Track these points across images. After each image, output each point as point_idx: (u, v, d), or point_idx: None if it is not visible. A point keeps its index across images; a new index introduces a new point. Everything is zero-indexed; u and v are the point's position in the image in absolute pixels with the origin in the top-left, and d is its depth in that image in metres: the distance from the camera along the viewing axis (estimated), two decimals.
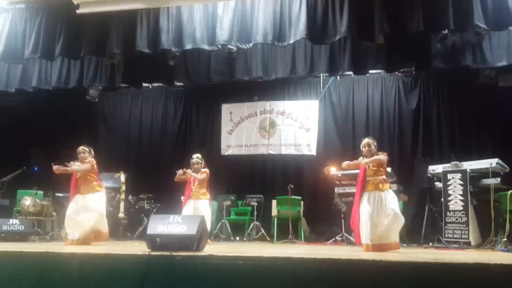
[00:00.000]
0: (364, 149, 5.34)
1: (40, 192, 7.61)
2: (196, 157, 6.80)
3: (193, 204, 6.58)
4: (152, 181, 8.94)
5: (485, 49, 6.47)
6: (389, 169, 7.07)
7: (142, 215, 8.24)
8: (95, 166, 5.99)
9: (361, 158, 5.36)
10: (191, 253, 3.77)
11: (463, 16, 5.64)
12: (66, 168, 5.83)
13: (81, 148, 6.01)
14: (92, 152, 6.10)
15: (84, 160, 5.92)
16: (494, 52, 6.50)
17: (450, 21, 5.62)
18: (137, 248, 4.53)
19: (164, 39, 6.49)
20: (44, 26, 6.82)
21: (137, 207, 8.43)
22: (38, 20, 6.87)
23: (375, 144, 5.39)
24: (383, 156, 5.29)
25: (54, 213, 7.53)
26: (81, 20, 6.56)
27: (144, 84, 8.83)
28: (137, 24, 6.53)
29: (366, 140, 5.40)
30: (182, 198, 7.82)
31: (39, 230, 7.12)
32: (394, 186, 7.07)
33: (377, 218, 5.06)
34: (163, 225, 4.17)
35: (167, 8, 6.51)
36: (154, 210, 8.20)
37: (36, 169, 8.99)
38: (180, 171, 6.67)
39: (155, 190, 8.71)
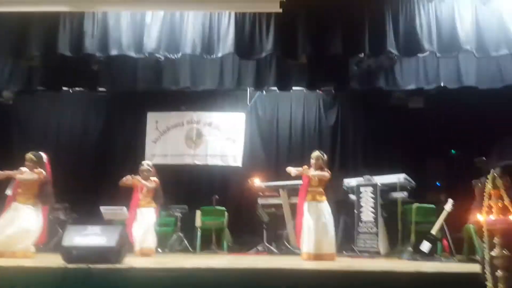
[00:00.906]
0: (312, 161, 5.64)
1: None
2: (147, 164, 6.58)
3: (139, 213, 6.34)
4: (68, 190, 8.49)
5: (396, 73, 7.06)
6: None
7: (57, 226, 7.81)
8: (43, 178, 5.52)
9: (305, 167, 5.63)
10: (111, 266, 3.69)
11: (377, 42, 6.15)
12: (8, 173, 5.35)
13: (28, 155, 5.58)
14: (44, 159, 5.65)
15: (33, 170, 5.46)
16: (405, 76, 7.10)
17: (366, 46, 6.11)
18: (52, 260, 4.32)
19: (88, 43, 6.30)
20: None
21: (51, 217, 7.96)
22: None
23: (324, 158, 5.73)
24: (327, 174, 5.66)
25: None
26: None
27: (64, 88, 8.44)
28: (60, 26, 6.28)
29: (316, 153, 5.73)
30: (102, 208, 7.58)
31: None
32: None
33: (316, 228, 5.33)
34: (80, 236, 4.03)
35: (93, 12, 6.33)
36: (70, 221, 7.80)
37: None
38: (128, 176, 6.36)
39: (72, 200, 8.29)
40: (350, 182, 7.33)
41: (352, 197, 7.23)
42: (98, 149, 9.18)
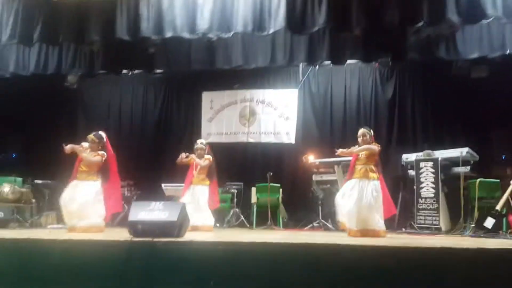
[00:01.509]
0: (359, 139, 5.51)
1: (19, 179, 7.55)
2: (201, 142, 6.75)
3: (192, 189, 6.54)
4: (132, 168, 8.95)
5: (458, 41, 6.68)
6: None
7: (123, 202, 8.25)
8: (104, 160, 5.69)
9: (353, 147, 5.53)
10: (173, 239, 3.86)
11: (437, 9, 5.80)
12: (77, 148, 5.61)
13: (90, 136, 5.76)
14: (104, 139, 5.83)
15: (97, 151, 5.70)
16: (467, 44, 6.71)
17: (424, 13, 5.79)
18: (119, 234, 4.60)
19: (144, 27, 6.47)
20: (22, 11, 6.69)
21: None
22: (15, 5, 6.73)
23: (371, 134, 5.56)
24: (374, 146, 5.46)
25: (33, 200, 7.50)
26: (59, 6, 6.49)
27: (124, 71, 8.80)
28: (117, 11, 6.49)
29: (361, 130, 5.57)
30: (163, 185, 7.91)
31: (18, 217, 7.10)
32: None
33: (361, 204, 5.23)
34: (145, 211, 4.23)
35: None
36: (135, 197, 8.24)
37: (14, 156, 8.89)
38: (183, 154, 6.58)
39: (136, 177, 8.73)
40: (409, 157, 7.11)
41: (411, 172, 7.02)
42: (158, 128, 9.57)
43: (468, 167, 6.56)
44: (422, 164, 6.74)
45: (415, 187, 6.79)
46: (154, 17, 6.47)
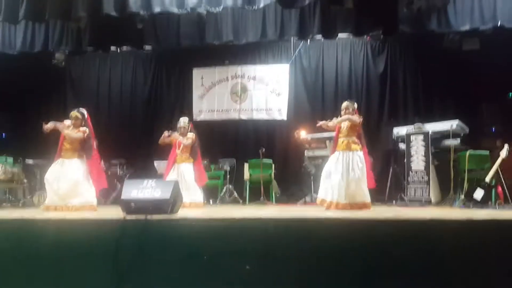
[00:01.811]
0: (342, 112, 5.53)
1: (10, 159, 7.50)
2: (183, 121, 6.72)
3: (177, 168, 6.55)
4: (123, 147, 8.93)
5: (449, 14, 6.62)
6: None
7: (115, 180, 8.27)
8: (86, 136, 5.67)
9: (334, 118, 5.55)
10: (166, 216, 3.89)
11: None
12: (57, 124, 5.61)
13: (73, 113, 5.71)
14: (86, 116, 5.80)
15: (78, 128, 5.68)
16: (459, 16, 6.65)
17: None
18: (112, 212, 4.62)
19: (131, 2, 6.31)
20: None
21: (109, 173, 8.42)
22: None
23: (354, 107, 5.58)
24: (355, 117, 5.46)
25: (25, 180, 7.47)
26: None
27: (112, 48, 8.66)
28: None
29: (345, 103, 5.59)
30: (155, 162, 7.90)
31: (10, 197, 7.09)
32: None
33: (348, 177, 5.28)
34: (137, 189, 4.23)
35: None
36: (127, 176, 8.23)
37: (4, 135, 8.81)
38: (165, 133, 6.57)
39: (127, 155, 8.71)
40: (400, 131, 7.15)
41: (402, 146, 7.08)
42: (148, 106, 9.49)
43: (458, 140, 6.63)
44: (412, 138, 6.79)
45: (405, 160, 6.85)
46: None
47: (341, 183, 5.26)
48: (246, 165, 8.02)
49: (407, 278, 3.25)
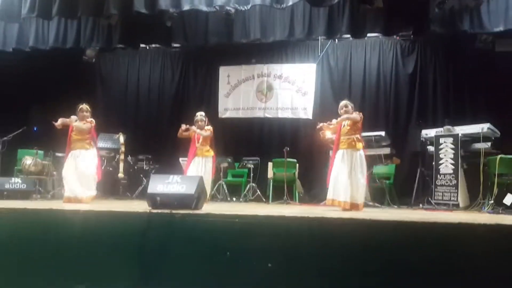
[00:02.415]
0: (341, 110, 5.53)
1: (41, 152, 7.72)
2: (200, 114, 6.83)
3: (198, 162, 6.62)
4: (150, 142, 9.07)
5: (482, 14, 6.45)
6: (382, 133, 7.23)
7: (141, 175, 8.41)
8: (94, 125, 6.12)
9: (334, 120, 5.59)
10: (190, 211, 3.93)
11: None
12: (65, 119, 5.94)
13: (84, 106, 6.09)
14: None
15: (86, 119, 5.99)
16: (492, 17, 6.48)
17: None
18: (138, 206, 4.70)
19: (161, 0, 6.43)
20: None
21: (136, 167, 8.59)
22: None
23: (352, 105, 5.60)
24: (354, 115, 5.45)
25: (54, 173, 7.68)
26: None
27: (141, 45, 8.80)
28: None
29: (343, 102, 5.60)
30: (181, 159, 7.99)
31: (40, 188, 7.30)
32: (387, 149, 7.24)
33: (354, 176, 5.28)
34: (163, 184, 4.30)
35: None
36: (153, 171, 8.35)
37: (35, 129, 9.07)
38: (183, 126, 6.69)
39: (154, 151, 8.85)
40: (429, 133, 7.00)
41: (431, 148, 6.93)
42: (175, 103, 9.60)
43: (489, 143, 6.44)
44: (441, 140, 6.64)
45: (434, 163, 6.70)
46: None
47: (347, 182, 5.25)
48: (270, 164, 8.02)
49: (432, 281, 3.18)
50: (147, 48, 9.47)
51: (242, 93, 9.27)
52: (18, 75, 8.85)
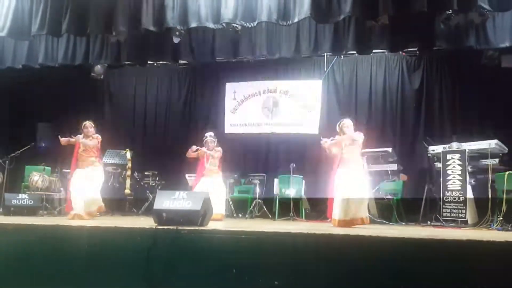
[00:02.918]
0: (346, 129, 5.69)
1: (48, 168, 7.77)
2: (210, 135, 6.88)
3: (206, 182, 6.62)
4: (157, 158, 9.10)
5: (488, 30, 6.46)
6: (389, 149, 7.20)
7: (147, 191, 8.41)
8: (99, 142, 6.18)
9: (337, 136, 5.67)
10: (196, 228, 3.92)
11: None
12: (71, 139, 5.98)
13: (88, 123, 6.15)
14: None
15: (91, 135, 6.04)
16: (498, 33, 6.48)
17: (454, 1, 5.62)
18: (144, 222, 4.69)
19: (169, 17, 6.51)
20: (51, 3, 6.83)
21: (142, 183, 8.60)
22: None
23: (352, 124, 5.77)
24: (359, 135, 5.58)
25: (61, 189, 7.72)
26: None
27: (149, 62, 8.89)
28: (143, 2, 6.54)
29: (348, 121, 5.77)
30: (187, 175, 7.99)
31: (47, 205, 7.32)
32: (394, 166, 7.21)
33: (348, 194, 5.33)
34: (169, 200, 4.30)
35: None
36: (159, 187, 8.36)
37: (43, 145, 9.14)
38: (193, 147, 6.71)
39: (160, 167, 8.86)
40: (436, 149, 6.96)
41: (438, 165, 6.88)
42: (182, 119, 9.66)
43: (497, 160, 6.38)
44: (449, 156, 6.59)
45: (441, 179, 6.65)
46: (179, 7, 6.50)
47: (343, 200, 5.30)
48: (276, 180, 7.99)
49: None
50: (155, 64, 9.55)
51: (248, 109, 9.31)
52: (27, 91, 8.98)
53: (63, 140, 6.00)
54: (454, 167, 6.50)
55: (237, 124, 9.32)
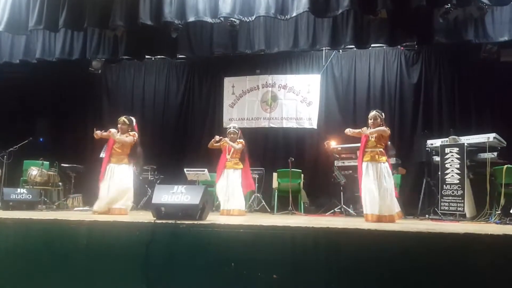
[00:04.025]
0: (370, 121, 5.44)
1: (46, 163, 7.76)
2: (233, 127, 6.78)
3: (226, 174, 6.56)
4: (155, 153, 9.08)
5: (487, 24, 6.47)
6: (388, 143, 7.19)
7: (146, 186, 8.41)
8: (136, 140, 5.88)
9: (365, 128, 5.45)
10: (194, 222, 3.91)
11: None
12: (104, 133, 5.80)
13: (121, 119, 5.93)
14: (134, 123, 6.01)
15: (127, 133, 5.86)
16: (496, 27, 6.50)
17: None
18: (143, 216, 4.69)
19: (167, 11, 6.49)
20: None
21: (141, 178, 8.59)
22: None
23: (382, 117, 5.47)
24: (385, 129, 5.37)
25: (60, 183, 7.71)
26: None
27: (147, 57, 8.86)
28: None
29: (373, 113, 5.48)
30: (185, 170, 7.99)
31: (45, 199, 7.32)
32: (393, 160, 7.21)
33: (377, 189, 5.20)
34: (168, 195, 4.29)
35: None
36: (158, 181, 8.36)
37: (41, 140, 9.12)
38: (216, 137, 6.61)
39: (159, 161, 8.86)
40: (435, 143, 6.97)
41: (436, 158, 6.90)
42: (180, 113, 9.65)
43: (495, 153, 6.40)
44: (447, 150, 6.61)
45: (439, 173, 6.67)
46: (176, 1, 6.49)
47: (375, 194, 5.19)
48: (274, 174, 8.00)
49: None
50: (153, 59, 9.55)
51: (246, 103, 9.30)
52: (25, 86, 8.95)
53: (97, 133, 5.81)
54: (452, 160, 6.51)
55: (236, 119, 9.31)
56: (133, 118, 6.07)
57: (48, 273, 3.81)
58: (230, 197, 6.40)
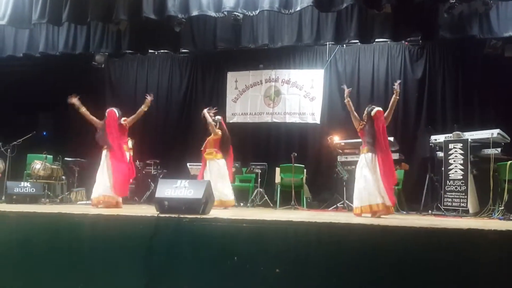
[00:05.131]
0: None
1: (50, 156, 7.78)
2: (217, 118, 6.86)
3: (212, 165, 6.60)
4: (158, 147, 9.11)
5: (492, 19, 6.43)
6: (391, 138, 7.19)
7: (149, 180, 8.44)
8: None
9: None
10: (197, 216, 3.92)
11: None
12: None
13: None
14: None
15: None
16: (501, 22, 6.46)
17: None
18: (146, 211, 4.71)
19: (170, 5, 6.48)
20: None
21: (144, 172, 8.63)
22: None
23: (365, 113, 5.76)
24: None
25: (63, 177, 7.73)
26: None
27: (150, 51, 8.85)
28: None
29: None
30: (188, 164, 8.00)
31: (49, 193, 7.34)
32: (396, 155, 7.20)
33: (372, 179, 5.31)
34: (171, 189, 4.30)
35: None
36: (161, 176, 8.38)
37: (44, 134, 9.14)
38: (204, 111, 6.73)
39: (162, 156, 8.88)
40: (438, 138, 6.95)
41: (440, 154, 6.88)
42: (183, 108, 9.64)
43: (499, 149, 6.38)
44: (451, 145, 6.58)
45: (443, 168, 6.65)
46: None
47: (363, 187, 5.30)
48: (277, 169, 8.00)
49: (441, 287, 3.15)
50: (156, 53, 9.53)
51: (250, 98, 9.29)
52: (28, 80, 8.95)
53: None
54: (456, 156, 6.49)
55: (239, 113, 9.31)
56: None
57: (52, 266, 3.83)
58: (221, 188, 6.39)
